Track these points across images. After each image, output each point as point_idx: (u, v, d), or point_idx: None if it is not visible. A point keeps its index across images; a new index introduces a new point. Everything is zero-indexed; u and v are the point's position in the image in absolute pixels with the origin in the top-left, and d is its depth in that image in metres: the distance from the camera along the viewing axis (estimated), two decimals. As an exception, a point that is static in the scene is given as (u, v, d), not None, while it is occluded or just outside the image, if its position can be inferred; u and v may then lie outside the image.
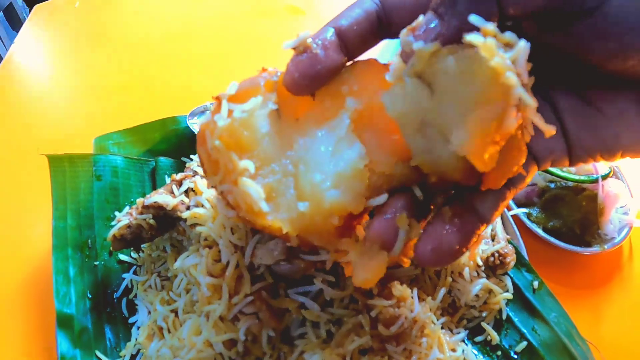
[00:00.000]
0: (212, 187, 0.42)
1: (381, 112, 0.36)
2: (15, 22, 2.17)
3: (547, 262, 0.77)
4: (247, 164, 0.38)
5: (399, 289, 0.57)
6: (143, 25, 1.22)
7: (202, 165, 0.42)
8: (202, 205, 0.59)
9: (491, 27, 0.28)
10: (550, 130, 0.28)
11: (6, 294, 0.76)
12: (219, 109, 0.39)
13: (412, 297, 0.58)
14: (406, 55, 0.32)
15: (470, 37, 0.28)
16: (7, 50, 1.12)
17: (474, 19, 0.28)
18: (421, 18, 0.32)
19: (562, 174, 0.80)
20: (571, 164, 0.37)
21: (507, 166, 0.33)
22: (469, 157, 0.31)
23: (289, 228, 0.39)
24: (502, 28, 0.28)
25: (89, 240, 0.75)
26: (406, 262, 0.39)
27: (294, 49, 0.37)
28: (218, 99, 0.39)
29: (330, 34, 0.37)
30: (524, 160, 0.33)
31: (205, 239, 0.57)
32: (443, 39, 0.30)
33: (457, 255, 0.35)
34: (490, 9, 0.29)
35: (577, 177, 0.80)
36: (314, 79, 0.37)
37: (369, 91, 0.39)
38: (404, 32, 0.32)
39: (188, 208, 0.64)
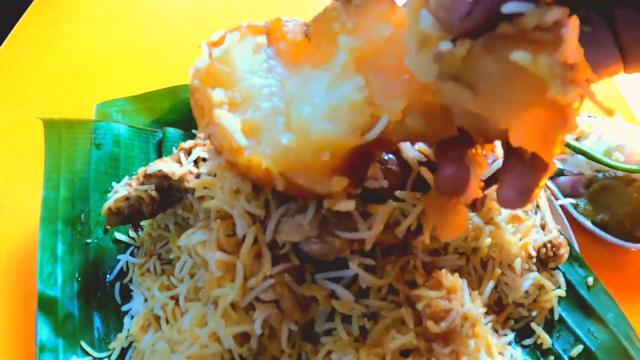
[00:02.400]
0: (205, 135, 0.38)
1: (387, 49, 0.32)
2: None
3: (597, 258, 0.64)
4: (218, 93, 0.34)
5: (450, 279, 0.44)
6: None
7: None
8: (215, 175, 0.46)
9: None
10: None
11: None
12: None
13: (462, 289, 0.45)
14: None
15: (517, 56, 0.24)
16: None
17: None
18: None
19: (611, 163, 0.68)
20: (626, 70, 0.36)
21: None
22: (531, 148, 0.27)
23: (270, 163, 0.33)
24: None
25: (82, 215, 0.62)
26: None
27: None
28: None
29: None
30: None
31: (218, 211, 0.44)
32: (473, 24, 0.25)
33: (535, 195, 0.31)
34: None
35: (626, 166, 0.68)
36: None
37: (367, 27, 0.33)
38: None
39: (198, 177, 0.51)
